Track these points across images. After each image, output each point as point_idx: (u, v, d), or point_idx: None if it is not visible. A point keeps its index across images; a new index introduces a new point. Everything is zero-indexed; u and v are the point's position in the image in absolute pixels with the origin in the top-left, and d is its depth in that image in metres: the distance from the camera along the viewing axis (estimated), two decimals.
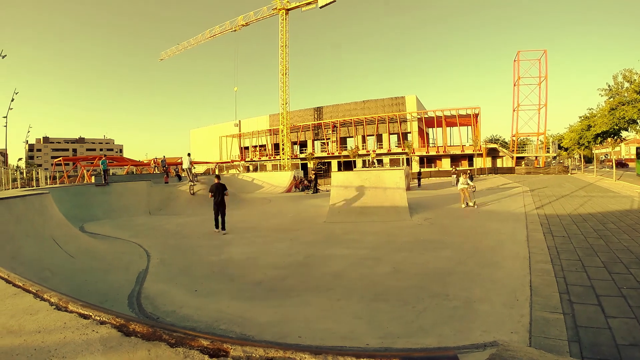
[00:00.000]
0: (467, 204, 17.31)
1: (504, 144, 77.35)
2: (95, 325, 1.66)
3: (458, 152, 61.84)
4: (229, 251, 11.21)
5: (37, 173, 30.21)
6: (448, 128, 65.92)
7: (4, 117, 45.75)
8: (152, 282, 8.48)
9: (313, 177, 37.04)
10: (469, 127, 65.72)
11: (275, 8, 62.85)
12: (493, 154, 61.91)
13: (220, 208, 14.71)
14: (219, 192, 14.99)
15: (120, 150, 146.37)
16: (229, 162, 74.66)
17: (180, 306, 6.88)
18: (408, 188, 24.85)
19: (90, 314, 1.79)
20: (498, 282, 6.90)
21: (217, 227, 14.68)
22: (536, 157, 62.77)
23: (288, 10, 62.23)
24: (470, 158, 60.78)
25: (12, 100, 45.65)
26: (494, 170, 55.12)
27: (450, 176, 18.95)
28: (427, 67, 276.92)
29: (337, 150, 69.66)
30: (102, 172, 24.63)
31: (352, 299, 6.61)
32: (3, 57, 33.43)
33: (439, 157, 63.56)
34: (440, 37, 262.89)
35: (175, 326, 1.69)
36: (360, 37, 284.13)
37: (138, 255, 11.22)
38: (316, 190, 34.37)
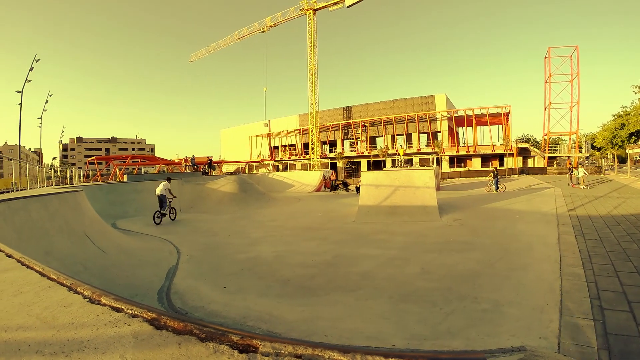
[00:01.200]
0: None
1: (535, 144, 75.59)
2: (127, 318, 1.69)
3: (489, 151, 60.37)
4: (257, 249, 11.27)
5: (71, 171, 30.84)
6: (478, 127, 64.41)
7: (39, 118, 47.10)
8: (182, 278, 8.59)
9: (333, 177, 36.97)
10: (500, 126, 64.49)
11: (303, 8, 62.65)
12: (524, 153, 60.41)
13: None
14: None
15: (152, 150, 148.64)
16: (258, 161, 74.98)
17: (209, 302, 6.95)
18: (438, 188, 24.61)
19: (123, 307, 1.82)
20: (527, 285, 6.78)
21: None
22: (568, 157, 60.84)
23: (315, 10, 61.83)
24: (501, 158, 59.18)
25: (47, 102, 46.98)
26: (525, 170, 53.94)
27: (487, 176, 18.23)
28: (456, 65, 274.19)
29: (366, 150, 69.25)
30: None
31: (379, 299, 6.58)
32: (37, 61, 34.27)
33: (469, 157, 62.33)
34: (469, 35, 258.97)
35: (205, 321, 1.70)
36: (389, 36, 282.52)
37: (168, 252, 11.38)
38: (346, 189, 34.33)
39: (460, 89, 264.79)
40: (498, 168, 33.37)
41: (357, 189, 34.65)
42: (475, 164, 60.61)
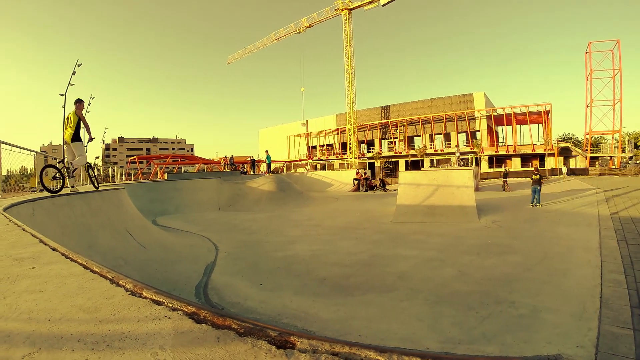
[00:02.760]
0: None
1: (577, 143, 72.90)
2: (168, 311, 1.72)
3: (529, 151, 58.46)
4: (294, 248, 11.34)
5: (113, 170, 31.59)
6: (518, 126, 62.49)
7: None
8: (219, 274, 8.72)
9: (367, 176, 36.80)
10: (540, 125, 62.40)
11: (338, 8, 62.05)
12: (565, 153, 58.15)
13: None
14: None
15: (192, 150, 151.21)
16: (296, 160, 75.27)
17: (245, 298, 7.04)
18: (477, 189, 24.23)
19: (163, 300, 1.86)
20: (566, 291, 6.60)
21: None
22: (611, 157, 58.41)
23: (350, 9, 61.20)
24: (541, 158, 57.22)
25: (89, 104, 48.22)
26: (567, 170, 52.22)
27: (531, 177, 17.63)
28: (495, 61, 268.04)
29: (404, 150, 68.61)
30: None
31: (415, 300, 6.53)
32: (79, 65, 35.17)
33: (509, 157, 60.63)
34: (507, 30, 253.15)
35: (243, 317, 1.73)
36: (425, 34, 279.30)
37: (207, 249, 11.56)
38: (384, 189, 34.18)
39: (498, 86, 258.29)
40: (509, 169, 32.73)
41: (383, 185, 34.66)
42: (515, 164, 58.98)
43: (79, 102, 9.87)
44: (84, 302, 1.89)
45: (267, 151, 38.25)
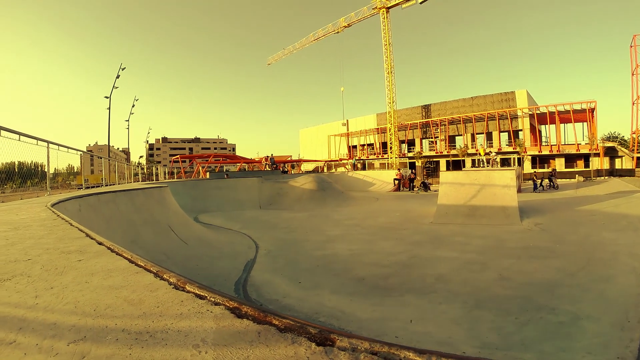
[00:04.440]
0: None
1: (623, 142, 69.67)
2: (210, 305, 1.75)
3: (573, 151, 56.18)
4: (334, 247, 11.34)
5: (157, 169, 32.31)
6: (562, 125, 59.82)
7: (126, 120, 50.14)
8: (259, 272, 8.81)
9: (412, 176, 36.53)
10: (584, 124, 59.28)
11: (375, 7, 61.76)
12: (611, 153, 55.32)
13: None
14: None
15: (233, 149, 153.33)
16: (337, 160, 75.28)
17: (283, 296, 7.09)
18: (519, 190, 23.72)
19: (206, 295, 1.89)
20: (609, 299, 6.36)
21: None
22: None
23: (388, 8, 60.87)
24: (586, 158, 54.83)
25: (133, 105, 49.86)
26: (612, 172, 50.12)
27: (575, 178, 16.72)
28: (537, 57, 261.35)
29: (445, 149, 67.65)
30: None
31: (453, 303, 6.42)
32: (123, 69, 36.38)
33: (552, 157, 58.55)
34: (547, 25, 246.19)
35: (283, 313, 1.74)
36: (465, 32, 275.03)
37: (247, 246, 11.69)
38: (426, 189, 33.88)
39: (541, 83, 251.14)
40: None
41: (424, 185, 34.31)
42: (559, 165, 57.11)
43: None
44: (128, 295, 1.94)
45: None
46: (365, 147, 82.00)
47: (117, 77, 36.51)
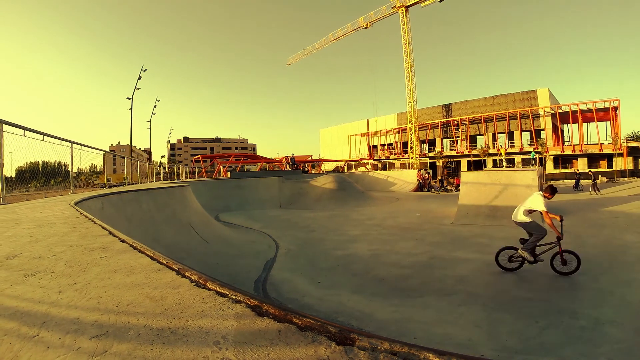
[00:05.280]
0: None
1: None
2: (231, 303, 1.75)
3: (596, 151, 54.81)
4: (354, 247, 11.33)
5: (178, 168, 32.58)
6: (584, 124, 58.11)
7: (148, 121, 50.74)
8: (278, 270, 8.85)
9: (428, 177, 36.33)
10: (607, 123, 57.24)
11: (395, 6, 61.51)
12: (635, 153, 53.36)
13: None
14: None
15: (254, 149, 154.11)
16: (357, 160, 75.07)
17: (303, 295, 7.10)
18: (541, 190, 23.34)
19: (227, 292, 1.90)
20: (632, 304, 6.28)
21: None
22: None
23: (407, 7, 60.58)
24: (609, 158, 53.81)
25: (155, 106, 50.37)
26: (636, 172, 48.70)
27: (598, 179, 16.21)
28: (558, 56, 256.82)
29: (466, 149, 66.97)
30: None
31: (473, 305, 6.38)
32: (144, 70, 36.88)
33: (575, 157, 57.11)
34: (568, 22, 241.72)
35: (303, 312, 1.74)
36: (485, 30, 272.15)
37: (267, 245, 11.74)
38: (445, 189, 33.69)
39: (563, 81, 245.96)
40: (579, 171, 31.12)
41: (442, 186, 34.04)
42: (582, 165, 55.81)
43: None
44: (150, 291, 1.95)
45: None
46: (386, 146, 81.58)
47: (139, 78, 36.97)
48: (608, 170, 48.03)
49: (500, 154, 34.46)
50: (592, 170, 38.70)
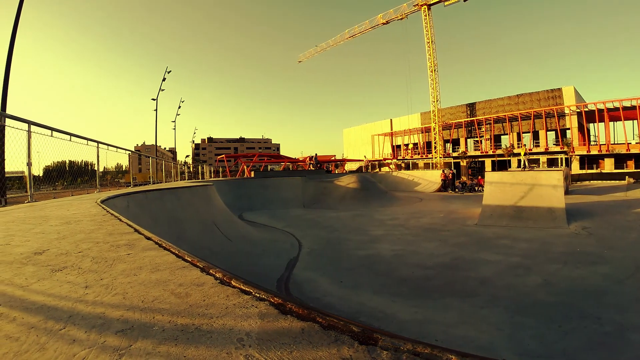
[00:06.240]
0: None
1: None
2: (255, 301, 1.76)
3: (623, 150, 53.05)
4: (376, 247, 11.31)
5: (202, 168, 32.92)
6: (611, 123, 55.94)
7: (173, 121, 51.53)
8: (301, 270, 8.87)
9: (450, 176, 36.02)
10: (635, 121, 55.02)
11: (417, 4, 60.69)
12: None
13: None
14: None
15: (277, 149, 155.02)
16: (381, 160, 74.79)
17: (325, 294, 7.11)
18: (567, 192, 23.03)
19: (251, 290, 1.91)
20: None
21: None
22: None
23: (430, 5, 59.82)
24: (637, 158, 51.89)
25: (179, 107, 51.10)
26: None
27: (625, 180, 15.57)
28: (583, 53, 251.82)
29: (490, 149, 65.98)
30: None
31: (495, 308, 6.30)
32: (168, 72, 37.41)
33: (601, 157, 55.37)
34: (593, 17, 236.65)
35: (326, 311, 1.74)
36: (511, 28, 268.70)
37: (290, 244, 11.78)
38: (468, 190, 33.41)
39: (588, 79, 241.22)
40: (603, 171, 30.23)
41: (462, 185, 33.67)
42: (608, 165, 54.30)
43: None
44: (175, 288, 1.97)
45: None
46: (410, 146, 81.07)
47: (163, 79, 37.56)
48: (636, 170, 46.65)
49: (519, 153, 33.82)
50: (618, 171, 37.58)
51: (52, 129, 8.83)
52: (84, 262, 2.60)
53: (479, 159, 66.79)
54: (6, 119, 7.57)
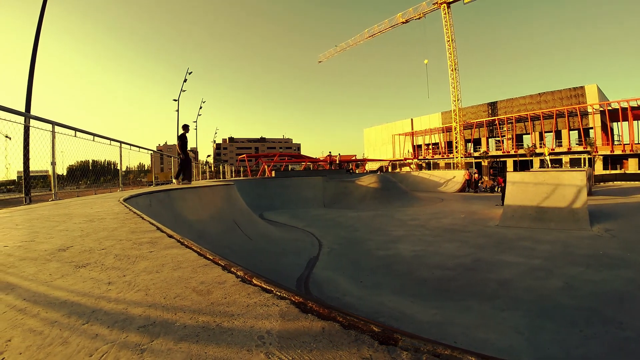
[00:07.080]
0: None
1: None
2: (275, 299, 1.77)
3: None
4: (397, 247, 11.26)
5: (224, 167, 33.16)
6: (635, 122, 53.76)
7: (194, 121, 51.96)
8: (321, 269, 8.88)
9: (472, 177, 35.71)
10: None
11: (436, 2, 59.89)
12: None
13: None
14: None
15: (298, 149, 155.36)
16: (401, 160, 74.41)
17: (344, 294, 7.11)
18: (590, 193, 22.64)
19: (272, 289, 1.91)
20: None
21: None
22: None
23: (449, 3, 59.04)
24: None
25: (201, 107, 51.53)
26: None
27: None
28: (607, 50, 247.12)
29: (512, 149, 64.99)
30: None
31: (516, 311, 6.24)
32: (189, 73, 37.81)
33: (626, 157, 53.52)
34: (617, 14, 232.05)
35: (347, 310, 1.74)
36: (532, 26, 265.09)
37: (310, 243, 11.81)
38: (488, 190, 33.12)
39: (612, 76, 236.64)
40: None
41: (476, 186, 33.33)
42: (633, 165, 52.92)
43: None
44: (197, 285, 1.99)
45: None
46: (430, 146, 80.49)
47: (185, 80, 37.98)
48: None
49: (542, 153, 33.33)
50: None
51: (75, 129, 8.98)
52: (107, 259, 2.64)
53: (501, 159, 65.92)
54: (31, 119, 7.71)
